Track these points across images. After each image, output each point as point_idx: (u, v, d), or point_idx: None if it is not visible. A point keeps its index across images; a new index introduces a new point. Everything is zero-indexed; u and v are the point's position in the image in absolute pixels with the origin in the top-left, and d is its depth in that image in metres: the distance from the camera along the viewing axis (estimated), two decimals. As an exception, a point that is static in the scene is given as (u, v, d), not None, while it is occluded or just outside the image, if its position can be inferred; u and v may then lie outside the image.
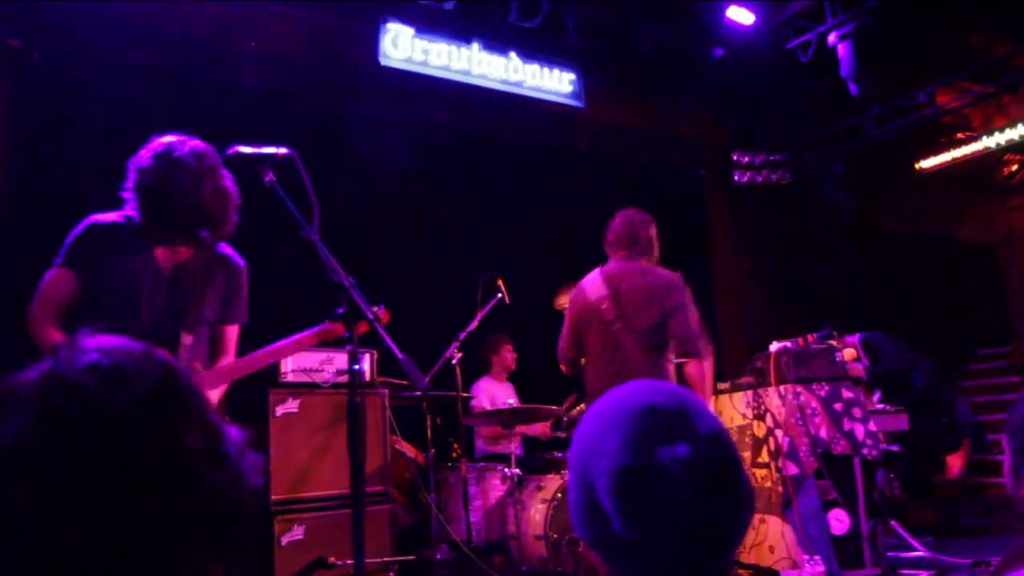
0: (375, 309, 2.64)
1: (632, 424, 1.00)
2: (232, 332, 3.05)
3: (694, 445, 0.98)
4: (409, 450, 5.16)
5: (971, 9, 8.39)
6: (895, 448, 6.59)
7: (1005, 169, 10.93)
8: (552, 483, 4.98)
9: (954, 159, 9.42)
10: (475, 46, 7.18)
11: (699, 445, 0.99)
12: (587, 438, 1.05)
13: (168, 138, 2.81)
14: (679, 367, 4.37)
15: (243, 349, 3.02)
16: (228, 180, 2.85)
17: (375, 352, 4.55)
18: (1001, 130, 9.04)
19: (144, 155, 2.77)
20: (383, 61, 6.69)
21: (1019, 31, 8.53)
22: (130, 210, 2.79)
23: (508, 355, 6.38)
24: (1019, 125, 8.85)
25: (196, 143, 2.81)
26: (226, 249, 3.00)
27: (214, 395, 2.89)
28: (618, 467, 0.97)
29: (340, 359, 4.39)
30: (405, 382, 4.73)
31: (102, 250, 2.76)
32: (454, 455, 5.31)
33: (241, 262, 3.04)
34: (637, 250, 4.48)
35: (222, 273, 2.96)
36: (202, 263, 2.92)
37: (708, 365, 4.30)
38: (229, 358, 3.03)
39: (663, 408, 1.02)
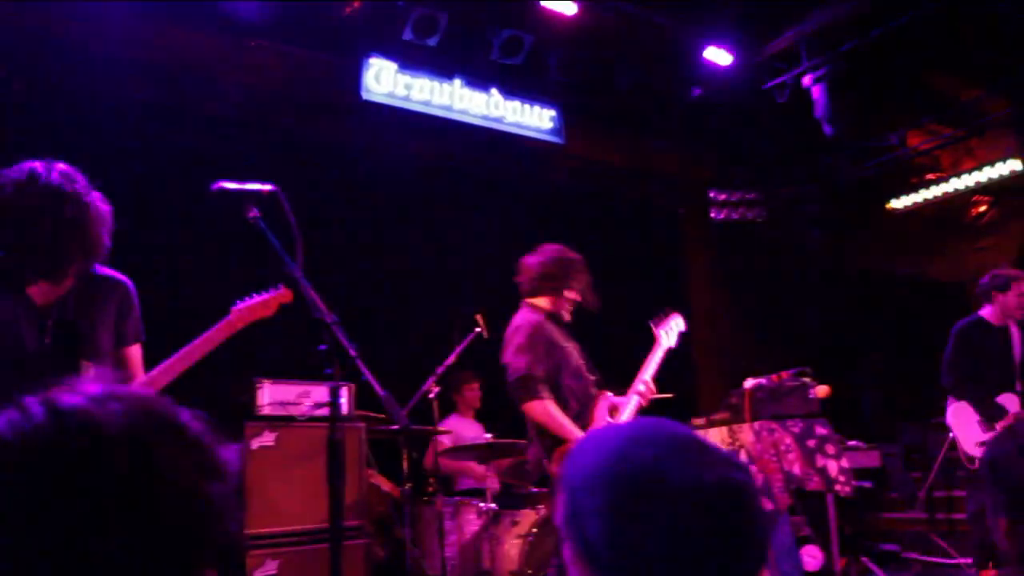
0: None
1: (691, 449, 1.09)
2: (135, 353, 2.86)
3: (744, 471, 1.09)
4: (384, 484, 5.14)
5: (941, 55, 8.61)
6: (867, 484, 6.66)
7: (974, 210, 11.15)
8: (527, 518, 4.97)
9: (925, 200, 9.61)
10: (457, 82, 7.27)
11: (746, 471, 1.10)
12: (636, 460, 1.09)
13: (28, 164, 2.54)
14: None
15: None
16: (99, 199, 2.61)
17: (353, 385, 4.56)
18: (969, 172, 9.25)
19: (5, 186, 2.49)
20: (365, 96, 6.76)
21: (986, 77, 8.77)
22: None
23: (471, 393, 6.32)
24: (986, 168, 9.06)
25: (62, 166, 2.57)
26: (105, 270, 2.78)
27: None
28: (711, 482, 1.05)
29: (317, 392, 4.39)
30: (382, 415, 4.73)
31: None
32: (430, 489, 5.30)
33: (125, 280, 2.83)
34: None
35: (108, 297, 2.76)
36: (84, 291, 2.70)
37: (536, 406, 3.98)
38: (138, 380, 2.86)
39: (701, 439, 1.13)
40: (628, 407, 4.22)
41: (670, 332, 4.61)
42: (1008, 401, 5.39)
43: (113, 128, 5.45)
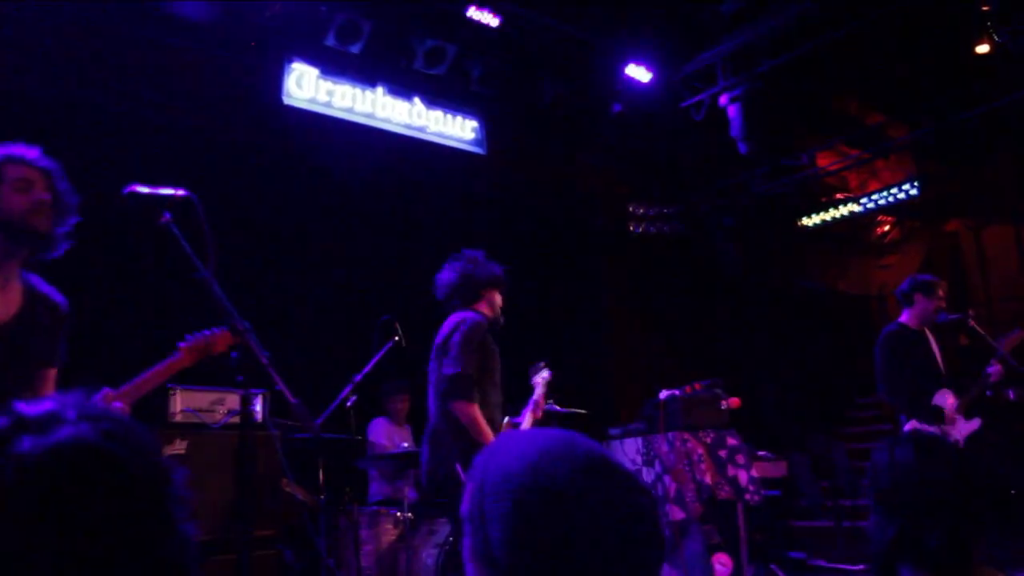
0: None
1: (608, 469, 1.11)
2: (52, 375, 2.74)
3: (648, 495, 1.12)
4: (300, 493, 5.07)
5: (849, 81, 9.00)
6: (776, 493, 6.86)
7: (878, 229, 11.65)
8: (444, 527, 4.97)
9: (833, 218, 9.98)
10: (380, 90, 7.25)
11: (651, 495, 1.12)
12: (545, 477, 1.11)
13: None
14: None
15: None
16: (61, 179, 2.62)
17: (268, 393, 4.49)
18: (874, 193, 9.66)
19: None
20: (286, 100, 6.68)
21: (890, 104, 9.19)
22: None
23: (400, 405, 6.34)
24: (890, 189, 9.47)
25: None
26: (46, 287, 2.69)
27: None
28: (633, 504, 1.09)
29: (232, 400, 4.31)
30: (298, 424, 4.67)
31: None
32: (346, 499, 5.24)
33: (64, 302, 2.73)
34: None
35: (46, 317, 2.65)
36: (29, 307, 2.58)
37: (464, 408, 3.91)
38: None
39: (612, 458, 1.14)
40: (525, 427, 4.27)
41: (540, 382, 4.61)
42: (942, 398, 5.28)
43: (22, 123, 5.25)
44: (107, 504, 0.78)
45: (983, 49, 7.90)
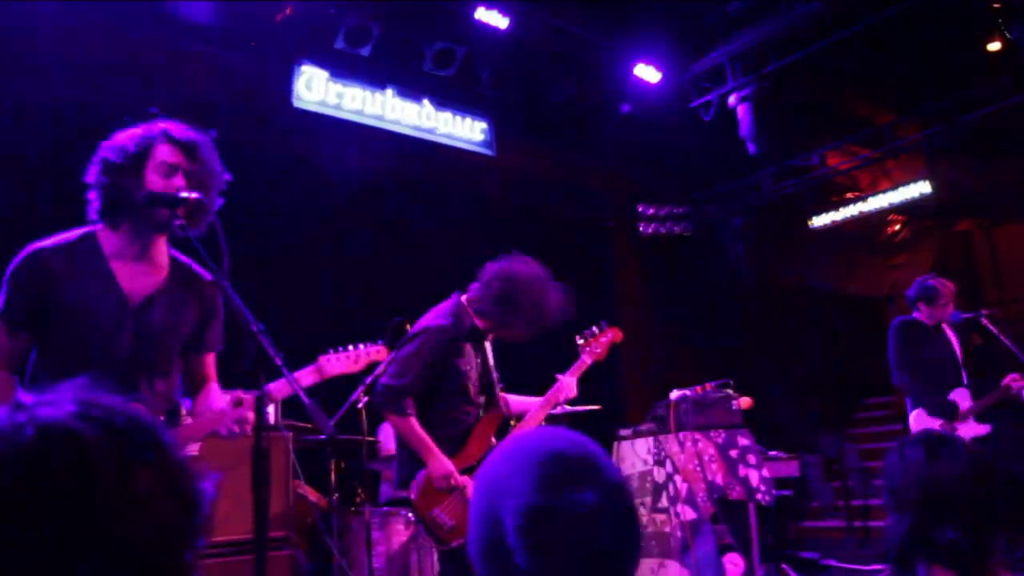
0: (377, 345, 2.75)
1: (541, 467, 1.08)
2: (210, 360, 2.76)
3: (601, 492, 1.07)
4: (312, 494, 5.09)
5: (859, 80, 8.97)
6: (788, 493, 6.84)
7: (889, 229, 11.60)
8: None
9: (843, 218, 9.95)
10: (389, 92, 7.27)
11: (606, 493, 1.08)
12: (494, 477, 1.12)
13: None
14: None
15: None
16: (208, 148, 2.70)
17: (280, 395, 4.50)
18: (885, 192, 9.62)
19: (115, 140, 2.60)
20: (296, 103, 6.70)
21: (900, 103, 9.15)
22: (88, 220, 2.50)
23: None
24: (901, 188, 9.44)
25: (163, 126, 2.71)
26: (198, 268, 2.66)
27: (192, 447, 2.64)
28: (527, 506, 1.05)
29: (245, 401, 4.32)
30: (309, 425, 4.68)
31: (47, 284, 2.39)
32: (357, 500, 5.26)
33: (211, 279, 2.63)
34: None
35: (195, 299, 2.65)
36: (176, 289, 2.58)
37: (395, 422, 3.81)
38: (213, 387, 2.75)
39: (570, 455, 1.11)
40: (540, 406, 4.09)
41: (596, 344, 4.41)
42: (960, 397, 5.38)
43: (28, 125, 5.29)
44: (59, 482, 0.76)
45: (994, 46, 7.87)
